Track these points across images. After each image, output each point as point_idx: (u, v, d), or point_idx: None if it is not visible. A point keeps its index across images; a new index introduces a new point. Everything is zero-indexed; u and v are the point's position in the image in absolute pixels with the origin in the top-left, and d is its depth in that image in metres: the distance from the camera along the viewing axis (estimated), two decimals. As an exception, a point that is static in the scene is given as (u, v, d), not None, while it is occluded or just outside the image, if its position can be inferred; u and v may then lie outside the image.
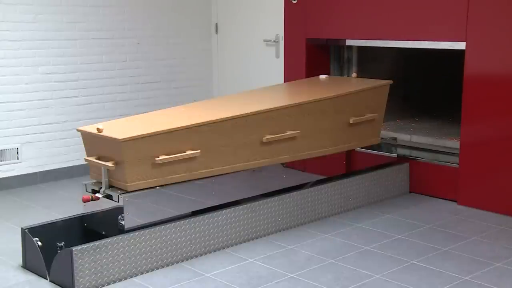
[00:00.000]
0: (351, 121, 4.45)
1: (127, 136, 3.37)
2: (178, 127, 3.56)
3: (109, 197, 3.48)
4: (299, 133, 4.12)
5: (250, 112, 3.87)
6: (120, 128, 3.58)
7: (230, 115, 3.78)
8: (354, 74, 4.95)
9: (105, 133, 3.45)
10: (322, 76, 5.11)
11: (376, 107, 4.64)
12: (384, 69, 5.90)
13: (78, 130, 3.66)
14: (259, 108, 3.94)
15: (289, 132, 4.07)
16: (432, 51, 4.91)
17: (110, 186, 3.52)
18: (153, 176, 3.52)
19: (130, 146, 3.38)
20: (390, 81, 4.73)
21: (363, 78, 4.99)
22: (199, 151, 3.64)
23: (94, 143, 3.56)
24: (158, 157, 3.49)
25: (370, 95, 4.58)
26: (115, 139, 3.37)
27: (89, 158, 3.56)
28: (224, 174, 3.83)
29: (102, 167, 3.50)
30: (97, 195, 3.53)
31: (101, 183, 3.54)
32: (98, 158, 3.52)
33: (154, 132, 3.47)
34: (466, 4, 4.47)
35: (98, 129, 3.46)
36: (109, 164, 3.41)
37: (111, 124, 3.71)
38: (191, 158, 3.63)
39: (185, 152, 3.59)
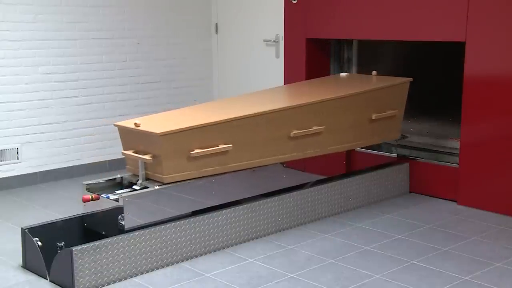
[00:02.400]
0: (373, 117, 4.56)
1: (165, 130, 3.51)
2: (211, 122, 3.70)
3: (146, 188, 3.60)
4: (324, 128, 4.25)
5: (279, 108, 4.01)
6: (156, 123, 3.72)
7: (260, 110, 3.93)
8: (374, 72, 5.09)
9: (142, 127, 3.59)
10: (343, 74, 5.25)
11: (397, 104, 4.76)
12: (384, 69, 5.90)
13: (115, 125, 3.80)
14: (287, 104, 4.10)
15: (314, 128, 4.20)
16: (432, 51, 4.91)
17: (147, 179, 3.65)
18: (188, 169, 3.66)
19: (168, 140, 3.52)
20: (410, 79, 4.82)
21: (382, 76, 5.07)
22: (231, 145, 3.79)
23: (131, 137, 3.70)
24: (193, 150, 3.63)
25: (391, 92, 4.71)
26: (153, 133, 3.51)
27: (126, 152, 3.69)
28: (254, 167, 3.99)
29: (139, 161, 3.62)
30: (134, 187, 3.66)
31: (137, 175, 3.67)
32: (135, 152, 3.65)
33: (189, 127, 3.61)
34: (466, 3, 4.47)
35: (135, 124, 3.60)
36: (147, 157, 3.55)
37: (148, 119, 3.86)
38: (223, 152, 3.77)
39: (218, 146, 3.74)
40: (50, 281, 3.34)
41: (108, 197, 3.50)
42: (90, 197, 3.52)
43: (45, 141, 5.37)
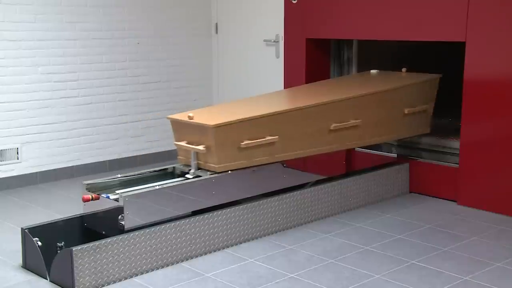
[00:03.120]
0: (406, 112, 4.77)
1: (218, 122, 3.74)
2: (260, 115, 3.94)
3: (198, 177, 3.80)
4: (361, 122, 4.48)
5: (320, 103, 4.24)
6: (208, 116, 3.96)
7: (303, 105, 4.17)
8: (404, 69, 5.28)
9: (196, 120, 3.81)
10: (373, 71, 5.43)
11: (427, 99, 4.92)
12: (385, 69, 5.90)
13: (168, 118, 4.03)
14: (327, 99, 4.31)
15: (352, 121, 4.42)
16: (432, 51, 4.92)
17: (199, 168, 3.87)
18: (238, 158, 3.89)
19: (220, 131, 3.75)
20: (440, 75, 4.95)
21: (411, 72, 5.25)
22: (277, 137, 4.01)
23: (184, 129, 3.93)
24: (243, 141, 3.86)
25: (421, 87, 4.91)
26: (207, 125, 3.73)
27: (179, 143, 3.91)
28: (298, 158, 4.22)
29: (192, 151, 3.83)
30: (187, 176, 3.84)
31: (189, 165, 3.90)
32: (188, 143, 3.88)
33: (240, 119, 3.85)
34: (466, 3, 4.47)
35: (189, 116, 3.83)
36: (200, 147, 3.77)
37: (199, 112, 4.10)
38: (270, 143, 4.01)
39: (265, 137, 3.96)
40: (50, 281, 3.34)
41: (108, 197, 3.50)
42: (90, 196, 3.52)
43: (45, 141, 5.37)
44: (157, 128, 6.10)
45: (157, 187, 3.61)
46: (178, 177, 3.92)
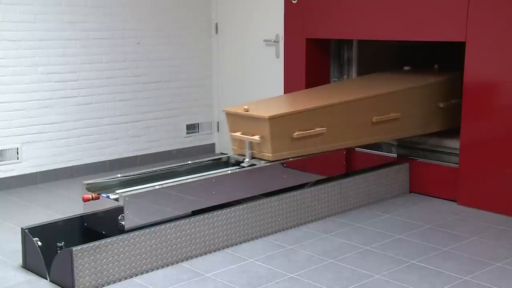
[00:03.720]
0: (440, 106, 4.99)
1: (273, 114, 4.02)
2: (310, 108, 4.23)
3: (253, 165, 4.06)
4: (400, 115, 4.71)
5: (364, 97, 4.53)
6: (262, 108, 4.24)
7: (349, 99, 4.45)
8: (436, 66, 5.46)
9: (252, 112, 4.10)
10: (406, 67, 5.58)
11: (457, 94, 4.99)
12: (385, 69, 5.90)
13: (224, 110, 4.34)
14: (370, 94, 4.59)
15: (392, 114, 4.67)
16: (432, 51, 4.92)
17: (253, 157, 4.14)
18: (290, 148, 4.18)
19: (274, 123, 4.02)
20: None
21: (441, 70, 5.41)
22: (325, 128, 4.28)
23: (238, 121, 4.22)
24: (295, 132, 4.14)
25: (453, 83, 5.09)
26: (262, 117, 4.01)
27: (234, 134, 4.21)
28: (341, 149, 4.50)
29: (247, 141, 4.12)
30: (241, 164, 4.11)
31: (243, 155, 4.17)
32: (242, 134, 4.16)
33: (292, 112, 4.15)
34: (466, 3, 4.47)
35: (245, 109, 4.13)
36: (256, 138, 4.05)
37: (253, 104, 4.37)
38: (319, 134, 4.29)
39: (314, 129, 4.23)
40: (50, 281, 3.34)
41: (108, 197, 3.50)
42: (90, 196, 3.52)
43: (45, 141, 5.37)
44: (157, 128, 6.11)
45: (157, 187, 3.61)
46: (232, 166, 4.16)
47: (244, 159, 4.15)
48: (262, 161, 4.10)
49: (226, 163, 4.28)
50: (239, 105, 4.29)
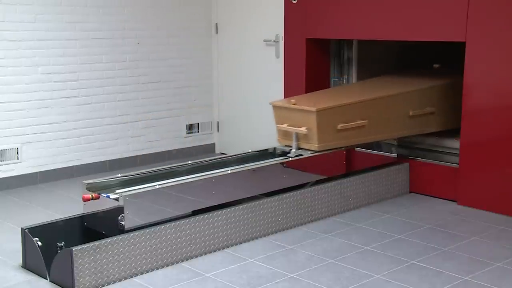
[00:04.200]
0: None
1: (319, 107, 4.30)
2: (353, 102, 4.52)
3: (299, 156, 4.32)
4: (435, 109, 4.95)
5: (402, 92, 4.79)
6: (309, 101, 4.52)
7: (388, 93, 4.72)
8: (436, 65, 5.66)
9: (299, 105, 4.40)
10: (436, 65, 5.79)
11: None
12: (385, 69, 5.90)
13: (271, 103, 4.61)
14: (408, 89, 4.85)
15: (428, 109, 4.92)
16: (432, 51, 4.92)
17: (299, 148, 4.42)
18: (335, 139, 4.47)
19: (321, 115, 4.31)
20: None
21: None
22: (367, 121, 4.55)
23: (286, 114, 4.50)
24: (339, 124, 4.42)
25: None
26: (310, 110, 4.30)
27: (280, 126, 4.50)
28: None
29: (293, 132, 4.39)
30: (288, 155, 4.37)
31: (289, 146, 4.47)
32: (289, 126, 4.44)
33: (337, 105, 4.43)
34: (466, 3, 4.47)
35: (292, 102, 4.44)
36: (303, 129, 4.33)
37: (300, 98, 4.69)
38: (361, 126, 4.56)
39: (357, 121, 4.51)
40: (50, 281, 3.34)
41: (108, 196, 3.50)
42: (90, 196, 3.52)
43: (45, 141, 5.37)
44: (157, 128, 6.11)
45: (157, 187, 3.61)
46: (279, 157, 4.39)
47: (291, 149, 4.41)
48: (309, 152, 4.37)
49: (273, 154, 4.51)
50: (285, 99, 4.78)
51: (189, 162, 4.14)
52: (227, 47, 6.35)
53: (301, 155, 4.34)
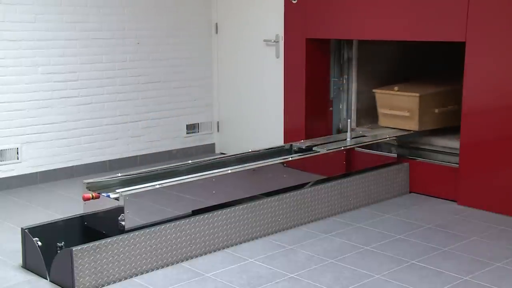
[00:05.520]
0: None
1: (422, 93, 4.98)
2: (448, 89, 5.14)
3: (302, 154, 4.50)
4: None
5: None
6: (409, 89, 5.15)
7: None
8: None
9: (403, 92, 5.09)
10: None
11: None
12: (385, 69, 5.90)
13: (374, 91, 5.36)
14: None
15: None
16: (432, 52, 4.92)
17: (399, 129, 5.14)
18: (432, 122, 5.13)
19: (422, 100, 5.00)
20: None
21: None
22: (456, 105, 4.94)
23: (387, 99, 5.23)
24: (436, 109, 5.11)
25: None
26: (413, 95, 5.02)
27: (384, 110, 5.25)
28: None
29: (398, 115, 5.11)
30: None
31: (388, 128, 5.22)
32: (391, 110, 5.16)
33: (435, 91, 5.10)
34: (466, 3, 4.47)
35: (395, 89, 5.15)
36: (405, 113, 5.07)
37: (400, 86, 5.24)
38: (452, 111, 5.11)
39: (447, 107, 5.14)
40: (50, 281, 3.34)
41: (108, 196, 3.50)
42: (91, 195, 3.52)
43: (45, 141, 5.37)
44: (157, 128, 6.11)
45: (157, 186, 3.61)
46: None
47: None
48: (409, 132, 5.09)
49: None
50: (386, 87, 5.31)
51: (189, 162, 4.14)
52: (227, 47, 6.35)
53: (302, 155, 4.34)
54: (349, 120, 5.20)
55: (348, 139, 4.93)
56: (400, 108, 5.10)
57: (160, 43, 6.04)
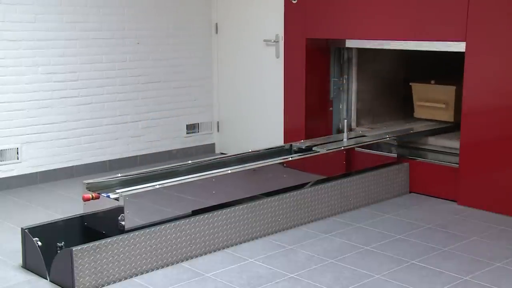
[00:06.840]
0: None
1: (458, 86, 5.05)
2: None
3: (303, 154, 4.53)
4: None
5: None
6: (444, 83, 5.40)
7: None
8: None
9: (437, 84, 5.41)
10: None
11: None
12: (385, 69, 5.90)
13: (411, 84, 5.65)
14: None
15: None
16: (432, 51, 4.91)
17: (435, 121, 5.41)
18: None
19: (459, 92, 5.07)
20: None
21: None
22: None
23: (423, 92, 5.53)
24: None
25: None
26: (450, 87, 5.28)
27: (419, 102, 5.55)
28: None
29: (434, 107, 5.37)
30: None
31: (426, 120, 5.50)
32: (427, 102, 5.45)
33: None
34: (466, 4, 4.47)
35: (432, 82, 5.46)
36: (441, 105, 5.35)
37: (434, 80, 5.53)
38: None
39: None
40: (50, 281, 3.34)
41: (108, 196, 3.50)
42: (91, 195, 3.52)
43: (45, 141, 5.37)
44: (157, 128, 6.11)
45: (157, 187, 3.61)
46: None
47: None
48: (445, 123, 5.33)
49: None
50: (424, 81, 5.56)
51: (189, 162, 4.14)
52: (227, 47, 6.35)
53: (302, 155, 4.33)
54: (345, 120, 5.14)
55: (345, 139, 4.88)
56: (436, 100, 5.38)
57: (160, 43, 6.04)
